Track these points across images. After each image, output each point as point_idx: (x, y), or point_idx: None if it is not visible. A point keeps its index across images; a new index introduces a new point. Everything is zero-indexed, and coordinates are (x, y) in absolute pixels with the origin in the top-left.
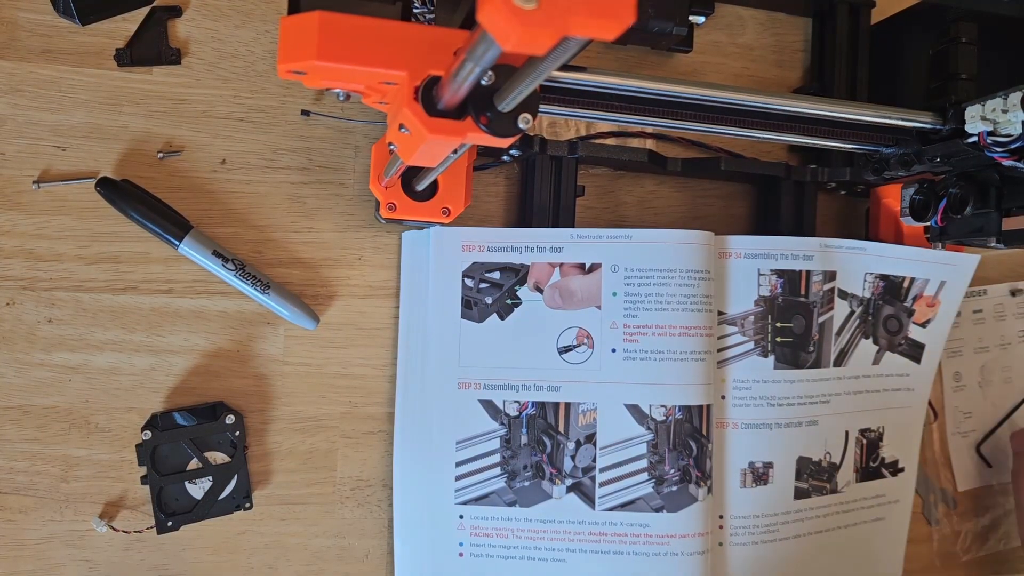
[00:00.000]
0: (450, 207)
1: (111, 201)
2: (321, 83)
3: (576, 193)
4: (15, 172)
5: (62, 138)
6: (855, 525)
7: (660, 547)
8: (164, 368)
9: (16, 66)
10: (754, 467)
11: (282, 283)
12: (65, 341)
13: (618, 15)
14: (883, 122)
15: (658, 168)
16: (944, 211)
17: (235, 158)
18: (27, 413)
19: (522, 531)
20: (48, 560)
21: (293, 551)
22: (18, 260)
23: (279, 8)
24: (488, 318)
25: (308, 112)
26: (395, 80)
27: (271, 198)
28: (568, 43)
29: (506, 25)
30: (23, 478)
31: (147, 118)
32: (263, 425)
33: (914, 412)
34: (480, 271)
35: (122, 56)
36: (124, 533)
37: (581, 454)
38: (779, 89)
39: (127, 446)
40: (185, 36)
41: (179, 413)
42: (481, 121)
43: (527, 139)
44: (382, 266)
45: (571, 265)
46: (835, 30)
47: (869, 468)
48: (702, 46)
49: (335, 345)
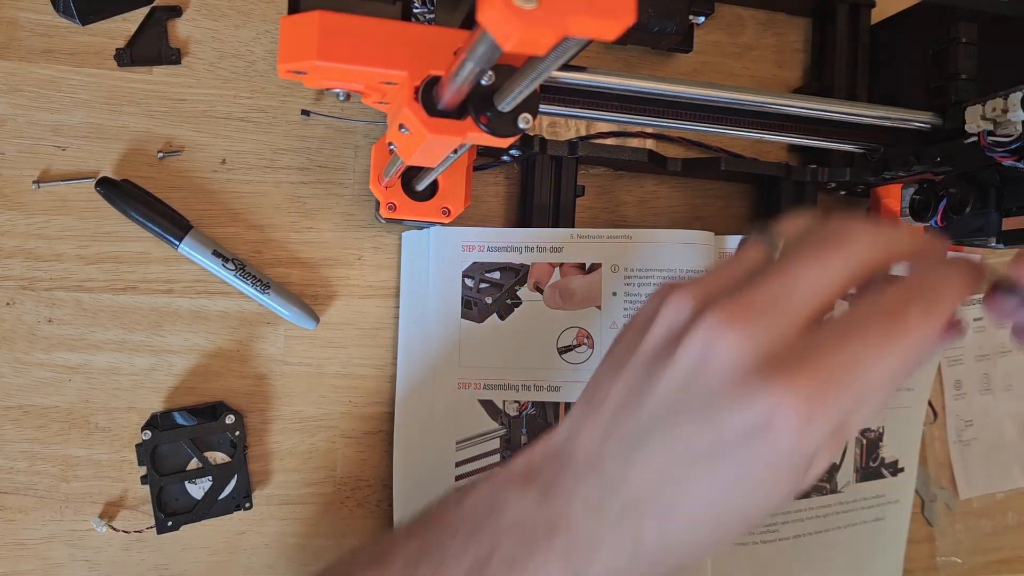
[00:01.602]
0: (450, 207)
1: (111, 201)
2: (321, 83)
3: (576, 193)
4: (15, 172)
5: (62, 138)
6: (855, 525)
7: None
8: (164, 368)
9: (16, 66)
10: None
11: (282, 283)
12: (65, 341)
13: (618, 15)
14: (883, 122)
15: (658, 168)
16: (944, 211)
17: (235, 158)
18: (27, 413)
19: None
20: (48, 560)
21: (293, 551)
22: (18, 260)
23: (279, 8)
24: (488, 318)
25: (308, 112)
26: (395, 80)
27: (271, 198)
28: (568, 43)
29: (506, 25)
30: (23, 478)
31: (147, 118)
32: (263, 425)
33: (914, 412)
34: (480, 271)
35: (122, 56)
36: (124, 533)
37: None
38: (779, 89)
39: (127, 446)
40: (185, 36)
41: (179, 413)
42: (481, 121)
43: (527, 139)
44: (382, 266)
45: (571, 265)
46: (835, 30)
47: (869, 468)
48: (702, 46)
49: (335, 345)
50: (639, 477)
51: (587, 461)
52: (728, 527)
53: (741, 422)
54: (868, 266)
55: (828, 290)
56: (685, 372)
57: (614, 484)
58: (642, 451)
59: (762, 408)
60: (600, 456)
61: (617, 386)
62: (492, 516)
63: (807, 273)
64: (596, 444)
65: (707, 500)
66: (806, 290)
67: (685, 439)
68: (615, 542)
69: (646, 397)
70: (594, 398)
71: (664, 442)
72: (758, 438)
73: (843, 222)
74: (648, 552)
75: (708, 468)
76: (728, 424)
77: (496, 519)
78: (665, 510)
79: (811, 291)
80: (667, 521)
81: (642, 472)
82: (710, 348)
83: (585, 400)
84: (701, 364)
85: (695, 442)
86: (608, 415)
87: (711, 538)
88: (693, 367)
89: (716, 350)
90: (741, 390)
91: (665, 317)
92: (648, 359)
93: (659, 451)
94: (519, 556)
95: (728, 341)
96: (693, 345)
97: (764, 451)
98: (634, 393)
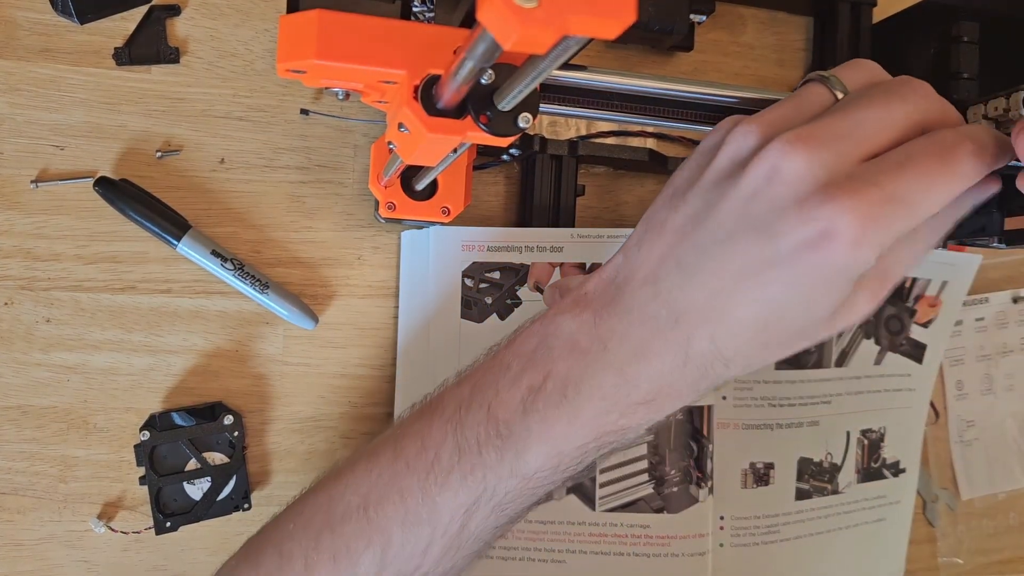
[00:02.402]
0: (450, 207)
1: (109, 200)
2: (320, 82)
3: (576, 192)
4: (13, 171)
5: (60, 137)
6: (856, 526)
7: (661, 548)
8: (163, 368)
9: (14, 65)
10: (755, 468)
11: (281, 283)
12: (63, 341)
13: (619, 14)
14: None
15: (659, 167)
16: None
17: (234, 157)
18: (25, 413)
19: (522, 532)
20: (46, 560)
21: None
22: (16, 260)
23: (278, 7)
24: (488, 318)
25: (307, 111)
26: (394, 79)
27: (270, 197)
28: (569, 42)
29: (506, 24)
30: (21, 478)
31: (146, 117)
32: (262, 425)
33: (916, 412)
34: (480, 271)
35: (121, 55)
36: (122, 534)
37: None
38: (780, 88)
39: (125, 446)
40: (184, 35)
41: (177, 413)
42: (481, 120)
43: (527, 138)
44: (381, 266)
45: (571, 265)
46: (836, 29)
47: (870, 469)
48: (703, 45)
49: (334, 345)
50: (695, 290)
51: (644, 280)
52: (771, 337)
53: (799, 235)
54: (925, 122)
55: (889, 133)
56: (749, 192)
57: (669, 298)
58: (699, 268)
59: (821, 222)
60: (657, 275)
61: (678, 212)
62: (544, 346)
63: (872, 115)
64: (654, 264)
65: (756, 307)
66: (868, 128)
67: (743, 253)
68: (666, 349)
69: (707, 219)
70: (652, 224)
71: (722, 258)
72: (813, 249)
73: (909, 78)
74: (696, 359)
75: (762, 278)
76: (786, 237)
77: (549, 348)
78: (717, 317)
79: (873, 130)
80: (717, 327)
81: (698, 286)
82: (776, 169)
83: (642, 228)
84: (766, 183)
85: (752, 255)
86: (668, 238)
87: (755, 347)
88: (757, 187)
89: (781, 171)
90: (802, 205)
91: (731, 146)
92: (711, 185)
93: (716, 267)
94: (572, 375)
95: (794, 163)
96: (759, 167)
97: (817, 262)
98: (696, 216)
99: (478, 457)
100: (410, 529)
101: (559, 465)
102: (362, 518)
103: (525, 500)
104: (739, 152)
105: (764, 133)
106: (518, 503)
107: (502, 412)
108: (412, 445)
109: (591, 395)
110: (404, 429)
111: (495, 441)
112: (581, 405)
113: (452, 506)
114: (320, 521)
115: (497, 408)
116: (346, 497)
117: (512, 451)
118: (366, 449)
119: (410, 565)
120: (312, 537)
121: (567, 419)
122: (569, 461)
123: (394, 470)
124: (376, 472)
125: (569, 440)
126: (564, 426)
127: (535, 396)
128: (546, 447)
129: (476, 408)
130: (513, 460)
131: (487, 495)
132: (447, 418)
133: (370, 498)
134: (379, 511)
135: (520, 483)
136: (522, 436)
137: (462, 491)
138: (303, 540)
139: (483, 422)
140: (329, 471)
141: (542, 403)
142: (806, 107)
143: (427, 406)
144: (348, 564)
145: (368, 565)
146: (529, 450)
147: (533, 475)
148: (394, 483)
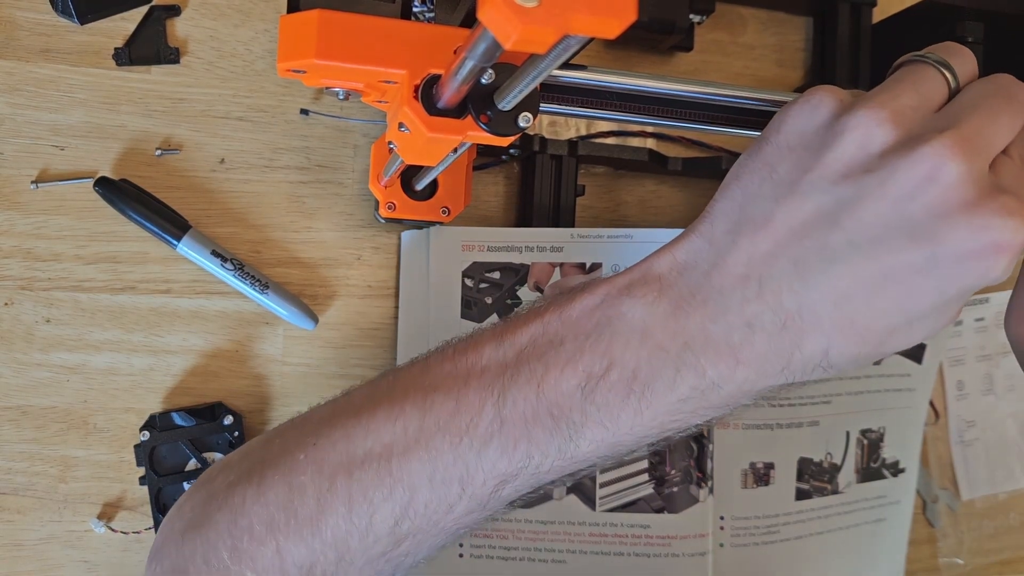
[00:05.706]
0: (450, 207)
1: (109, 200)
2: (320, 82)
3: (576, 192)
4: (13, 172)
5: (60, 137)
6: (856, 526)
7: (661, 548)
8: (162, 368)
9: (14, 65)
10: (755, 468)
11: (281, 283)
12: (63, 341)
13: (619, 13)
14: None
15: (659, 167)
16: None
17: (234, 157)
18: (25, 413)
19: (522, 532)
20: (46, 561)
21: None
22: (16, 260)
23: (278, 7)
24: (488, 318)
25: (307, 111)
26: (395, 79)
27: (270, 197)
28: (569, 41)
29: (507, 23)
30: (21, 478)
31: (145, 117)
32: (262, 426)
33: (915, 412)
34: (480, 271)
35: (121, 55)
36: (123, 534)
37: None
38: (780, 88)
39: (125, 447)
40: (184, 35)
41: (177, 413)
42: (481, 120)
43: (527, 138)
44: (381, 266)
45: (571, 265)
46: (836, 29)
47: (870, 469)
48: (703, 45)
49: (334, 345)
50: (816, 294)
51: (742, 276)
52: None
53: (967, 244)
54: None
55: (1011, 137)
56: (904, 192)
57: (778, 300)
58: (825, 271)
59: (993, 232)
60: (762, 274)
61: (792, 205)
62: (607, 329)
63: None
64: (759, 261)
65: (892, 316)
66: (1003, 133)
67: (890, 258)
68: (764, 356)
69: (842, 218)
70: (752, 216)
71: (860, 261)
72: (978, 259)
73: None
74: (797, 365)
75: (909, 285)
76: (949, 244)
77: (613, 333)
78: (840, 325)
79: (1005, 134)
80: (837, 335)
81: (821, 290)
82: (938, 171)
83: (732, 216)
84: (927, 184)
85: (902, 260)
86: (778, 234)
87: (868, 356)
88: (915, 188)
89: (943, 174)
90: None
91: (857, 133)
92: (838, 177)
93: (849, 271)
94: (642, 370)
95: (958, 167)
96: (918, 167)
97: (980, 272)
98: (822, 213)
99: (524, 432)
100: (438, 487)
101: (613, 453)
102: (384, 468)
103: (566, 474)
104: (871, 143)
105: (900, 125)
106: (558, 477)
107: (554, 394)
108: (445, 405)
109: (665, 395)
110: (432, 379)
111: (546, 421)
112: (651, 402)
113: (489, 473)
114: (335, 461)
115: (548, 387)
116: (367, 442)
117: (564, 434)
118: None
119: (430, 520)
120: (326, 477)
121: (632, 413)
122: (625, 450)
123: (422, 426)
124: (401, 424)
125: (632, 433)
126: (628, 420)
127: (596, 384)
128: (604, 435)
129: (524, 382)
130: (564, 442)
131: (530, 469)
132: (486, 384)
133: (394, 449)
134: (403, 465)
135: (567, 463)
136: (578, 422)
137: (502, 462)
138: (316, 478)
139: (531, 398)
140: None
141: (604, 393)
142: (927, 94)
143: (459, 358)
144: (365, 511)
145: (386, 515)
146: (584, 437)
147: (584, 459)
148: (422, 439)
